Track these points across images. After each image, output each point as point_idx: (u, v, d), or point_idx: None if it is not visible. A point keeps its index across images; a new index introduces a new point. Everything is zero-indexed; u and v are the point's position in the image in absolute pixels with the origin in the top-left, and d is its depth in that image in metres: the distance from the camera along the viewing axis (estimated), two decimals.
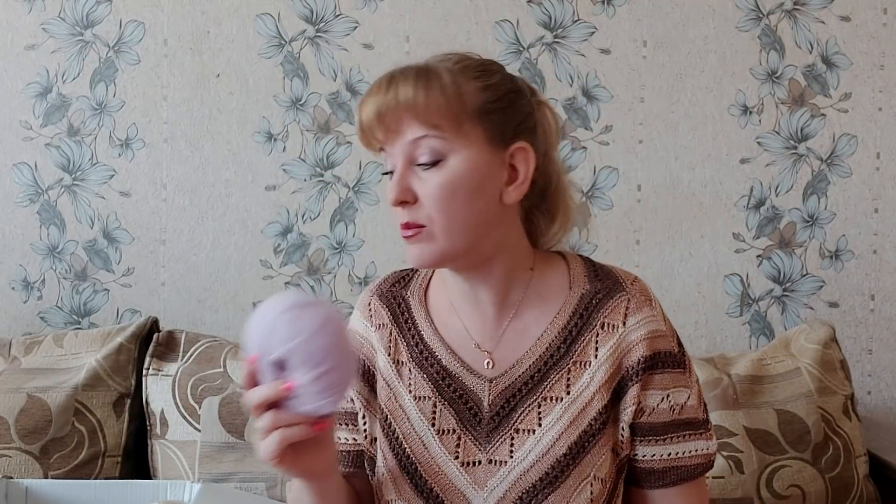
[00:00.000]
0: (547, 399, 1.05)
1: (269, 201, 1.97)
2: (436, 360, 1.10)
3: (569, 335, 1.07)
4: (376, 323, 1.15)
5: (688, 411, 1.08)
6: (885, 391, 1.99)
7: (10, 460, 1.61)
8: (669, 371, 1.07)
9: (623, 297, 1.08)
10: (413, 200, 1.02)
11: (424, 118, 1.01)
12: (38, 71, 1.96)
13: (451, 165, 1.01)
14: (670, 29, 1.96)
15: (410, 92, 1.01)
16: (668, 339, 1.08)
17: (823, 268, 1.98)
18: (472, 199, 1.02)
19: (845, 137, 1.97)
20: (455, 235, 1.02)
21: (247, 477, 1.62)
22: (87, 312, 1.98)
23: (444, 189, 1.01)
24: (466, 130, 1.02)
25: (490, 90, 1.05)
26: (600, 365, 1.06)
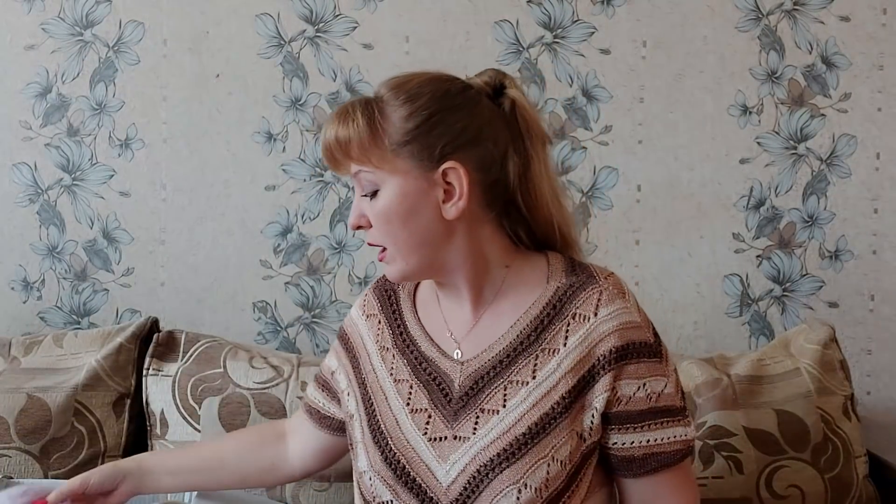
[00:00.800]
0: (514, 382, 1.11)
1: (268, 201, 1.97)
2: (415, 347, 1.19)
3: (540, 324, 1.13)
4: (367, 313, 1.28)
5: (665, 399, 1.12)
6: (885, 391, 1.99)
7: (10, 460, 1.61)
8: (645, 361, 1.11)
9: (596, 289, 1.13)
10: (368, 225, 1.14)
11: (355, 155, 1.11)
12: (37, 71, 1.96)
13: (384, 195, 1.11)
14: (670, 29, 1.96)
15: (333, 133, 1.12)
16: (642, 329, 1.12)
17: (823, 268, 1.98)
18: (407, 223, 1.11)
19: (845, 138, 1.97)
20: (408, 256, 1.13)
21: None
22: (86, 312, 1.98)
23: (379, 217, 1.12)
24: (390, 161, 1.10)
25: (413, 118, 1.11)
26: (569, 353, 1.11)
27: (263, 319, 1.98)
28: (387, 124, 1.10)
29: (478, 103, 1.13)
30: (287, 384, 1.67)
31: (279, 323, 1.98)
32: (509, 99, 1.15)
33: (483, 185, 1.12)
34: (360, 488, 1.17)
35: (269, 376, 1.68)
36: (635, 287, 1.96)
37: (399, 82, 1.13)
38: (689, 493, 1.16)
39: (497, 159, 1.12)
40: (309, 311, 1.98)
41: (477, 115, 1.12)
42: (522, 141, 1.14)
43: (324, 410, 1.32)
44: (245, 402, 1.65)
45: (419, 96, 1.11)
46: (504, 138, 1.13)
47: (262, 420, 1.63)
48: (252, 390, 1.66)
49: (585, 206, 1.97)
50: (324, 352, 1.96)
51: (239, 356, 1.71)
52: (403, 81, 1.13)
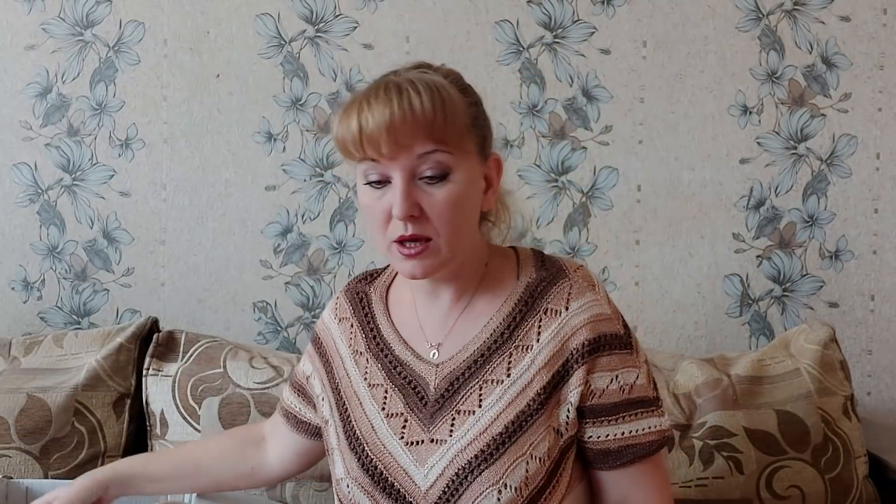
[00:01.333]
0: (488, 382, 1.11)
1: (268, 201, 1.97)
2: (389, 351, 1.17)
3: (513, 321, 1.12)
4: (340, 316, 1.25)
5: (638, 390, 1.12)
6: (885, 392, 1.99)
7: (10, 460, 1.61)
8: (617, 352, 1.11)
9: (566, 283, 1.13)
10: (419, 214, 1.05)
11: (437, 134, 1.03)
12: (37, 71, 1.96)
13: (456, 180, 1.06)
14: (670, 29, 1.96)
15: (428, 106, 1.02)
16: (612, 321, 1.12)
17: (823, 268, 1.98)
18: (470, 211, 1.09)
19: (845, 138, 1.97)
20: (456, 247, 1.08)
21: None
22: (86, 312, 1.98)
23: (451, 204, 1.05)
24: (467, 142, 1.07)
25: (473, 104, 1.10)
26: (542, 348, 1.10)
27: (264, 319, 1.98)
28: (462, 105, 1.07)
29: None
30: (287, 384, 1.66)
31: (279, 323, 1.98)
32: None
33: None
34: (339, 495, 1.16)
35: (269, 376, 1.68)
36: (635, 287, 1.96)
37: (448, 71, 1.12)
38: (663, 483, 1.15)
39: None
40: (309, 311, 1.98)
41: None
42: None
43: (300, 415, 1.31)
44: (245, 402, 1.65)
45: (466, 87, 1.11)
46: None
47: (262, 420, 1.63)
48: (252, 390, 1.66)
49: (585, 206, 1.97)
50: None
51: (239, 356, 1.71)
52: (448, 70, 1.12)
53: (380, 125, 1.02)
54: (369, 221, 1.11)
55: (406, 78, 1.06)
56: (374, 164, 1.06)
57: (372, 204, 1.08)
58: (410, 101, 1.02)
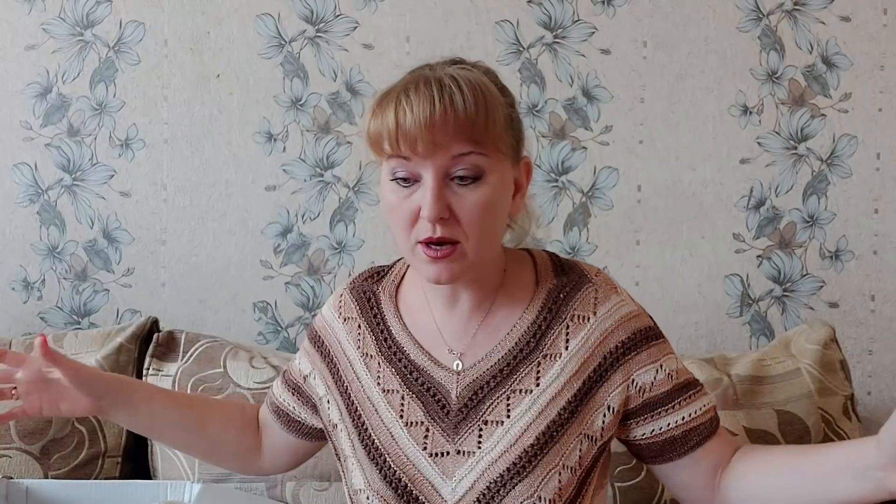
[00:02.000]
0: (516, 391, 1.07)
1: (269, 201, 1.97)
2: (403, 355, 1.12)
3: (538, 329, 1.09)
4: (344, 315, 1.19)
5: (683, 374, 1.12)
6: (886, 392, 1.99)
7: (10, 460, 1.61)
8: (654, 344, 1.11)
9: (590, 288, 1.11)
10: (448, 217, 1.00)
11: (476, 135, 0.99)
12: (38, 71, 1.96)
13: (490, 182, 1.01)
14: (670, 29, 1.96)
15: (471, 105, 0.98)
16: (642, 317, 1.12)
17: (823, 268, 1.98)
18: (500, 215, 1.05)
19: (845, 138, 1.97)
20: (483, 251, 1.04)
21: (247, 477, 1.61)
22: (87, 313, 1.98)
23: (484, 207, 1.01)
24: (501, 147, 1.03)
25: (509, 103, 1.07)
26: (571, 356, 1.08)
27: (264, 319, 1.98)
28: (500, 105, 1.03)
29: None
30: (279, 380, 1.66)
31: (279, 323, 1.98)
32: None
33: None
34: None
35: (269, 376, 1.68)
36: (636, 287, 1.96)
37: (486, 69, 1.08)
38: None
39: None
40: (309, 311, 1.98)
41: None
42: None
43: (293, 414, 1.25)
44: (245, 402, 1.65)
45: (501, 83, 1.08)
46: None
47: None
48: (252, 390, 1.66)
49: (586, 206, 1.97)
50: None
51: (239, 356, 1.71)
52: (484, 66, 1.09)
53: (419, 122, 0.97)
54: (393, 220, 1.04)
55: (447, 73, 1.01)
56: (405, 161, 1.01)
57: (398, 203, 1.02)
58: (452, 98, 0.98)
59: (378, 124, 1.01)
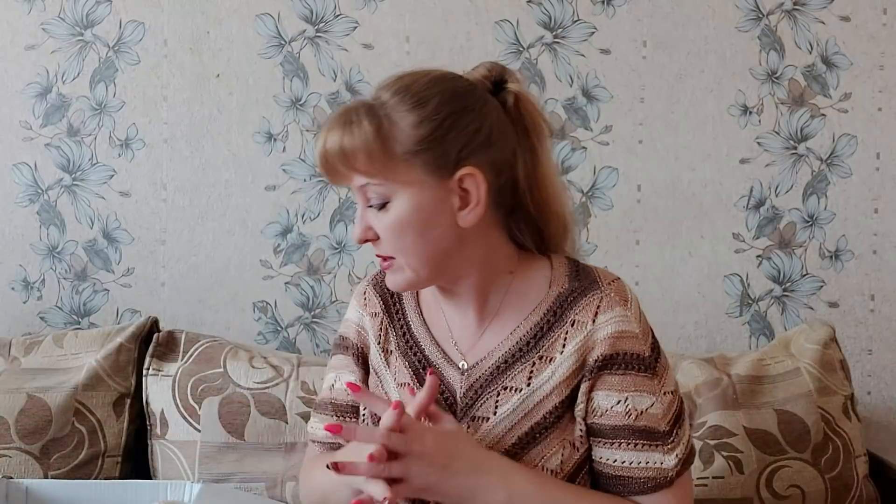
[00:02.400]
0: (507, 389, 1.08)
1: (268, 201, 1.97)
2: (419, 350, 1.13)
3: (539, 331, 1.08)
4: (370, 311, 1.20)
5: (647, 419, 1.05)
6: (885, 391, 1.99)
7: (10, 460, 1.61)
8: (632, 374, 1.05)
9: (596, 294, 1.08)
10: (375, 237, 1.06)
11: (358, 168, 1.03)
12: (38, 71, 1.96)
13: (396, 206, 1.04)
14: (670, 29, 1.96)
15: (336, 143, 1.04)
16: (637, 340, 1.06)
17: (823, 268, 1.98)
18: (422, 234, 1.04)
19: (845, 137, 1.97)
20: (419, 266, 1.06)
21: (247, 477, 1.62)
22: (87, 312, 1.98)
23: (392, 230, 1.04)
24: (402, 172, 1.03)
25: (424, 124, 1.03)
26: (564, 360, 1.06)
27: (264, 319, 1.98)
28: (396, 132, 1.02)
29: (486, 102, 1.07)
30: (287, 384, 1.67)
31: (279, 323, 1.98)
32: (512, 94, 1.09)
33: (494, 188, 1.06)
34: None
35: (270, 376, 1.68)
36: (636, 287, 1.96)
37: (403, 85, 1.05)
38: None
39: (508, 160, 1.07)
40: (309, 311, 1.98)
41: (486, 114, 1.06)
42: (528, 137, 1.09)
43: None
44: (245, 402, 1.65)
45: (427, 100, 1.04)
46: (511, 136, 1.08)
47: (262, 420, 1.63)
48: (252, 390, 1.66)
49: (585, 206, 1.97)
50: (324, 352, 1.96)
51: (239, 356, 1.71)
52: (408, 84, 1.05)
53: (325, 155, 1.05)
54: None
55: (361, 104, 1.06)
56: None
57: None
58: (342, 135, 1.03)
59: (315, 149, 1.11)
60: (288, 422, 1.63)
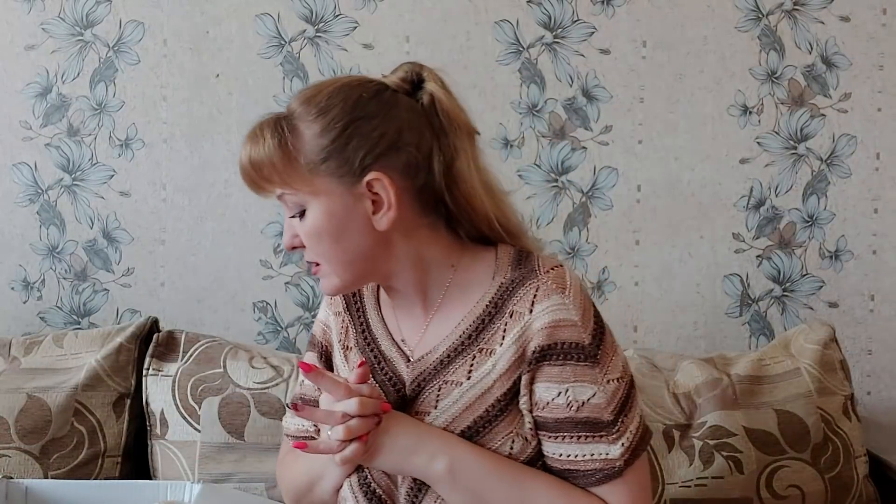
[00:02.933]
0: (448, 383, 1.08)
1: (268, 201, 1.96)
2: (376, 345, 1.16)
3: (481, 323, 1.08)
4: (334, 310, 1.23)
5: (589, 409, 1.03)
6: (885, 391, 1.99)
7: (9, 460, 1.61)
8: (572, 363, 1.03)
9: (534, 283, 1.06)
10: (301, 244, 1.09)
11: (270, 179, 1.06)
12: (37, 71, 1.96)
13: (311, 215, 1.06)
14: (670, 29, 1.96)
15: (246, 157, 1.07)
16: (577, 328, 1.04)
17: (823, 268, 1.98)
18: (338, 240, 1.06)
19: (845, 138, 1.97)
20: (342, 271, 1.08)
21: (246, 477, 1.62)
22: (86, 312, 1.98)
23: (309, 238, 1.07)
24: (309, 182, 1.05)
25: (326, 133, 1.05)
26: (504, 352, 1.06)
27: (263, 319, 1.98)
28: (300, 143, 1.05)
29: (394, 105, 1.06)
30: (287, 384, 1.67)
31: (279, 323, 1.98)
32: (427, 94, 1.08)
33: (412, 189, 1.06)
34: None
35: (269, 376, 1.68)
36: (635, 287, 1.96)
37: (308, 96, 1.07)
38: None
39: (422, 161, 1.06)
40: (309, 311, 1.98)
41: (394, 118, 1.05)
42: (446, 136, 1.07)
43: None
44: (245, 402, 1.65)
45: (330, 109, 1.05)
46: (427, 137, 1.07)
47: (262, 420, 1.63)
48: (252, 390, 1.66)
49: (585, 206, 1.97)
50: None
51: (239, 356, 1.71)
52: (313, 94, 1.07)
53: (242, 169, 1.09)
54: None
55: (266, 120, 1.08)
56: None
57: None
58: (251, 151, 1.07)
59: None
60: None
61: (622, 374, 1.07)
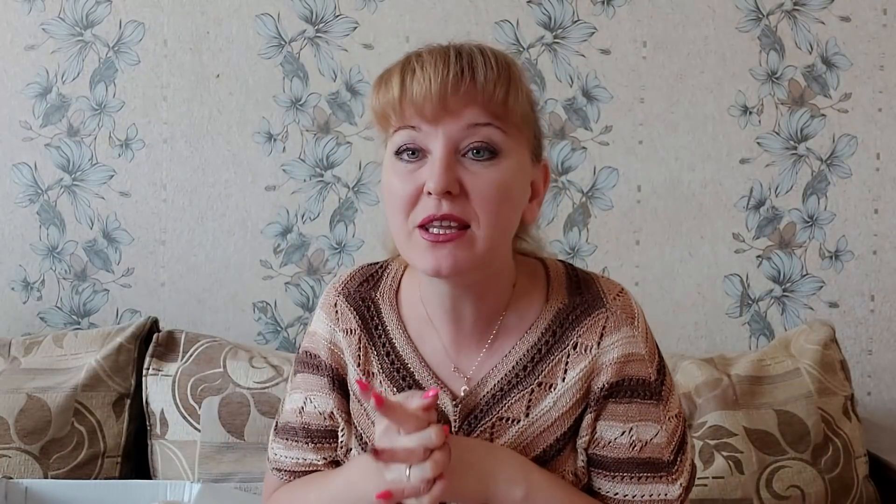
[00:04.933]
0: (503, 420, 0.97)
1: (268, 201, 1.97)
2: (408, 374, 1.01)
3: (537, 353, 0.98)
4: (343, 327, 1.04)
5: (651, 450, 0.97)
6: (885, 392, 1.99)
7: (9, 460, 1.61)
8: (638, 401, 0.97)
9: (602, 314, 0.97)
10: (457, 193, 0.88)
11: (495, 106, 0.88)
12: (37, 71, 1.96)
13: (507, 164, 0.90)
14: (670, 29, 1.96)
15: (492, 73, 0.88)
16: (644, 364, 0.97)
17: (823, 268, 1.98)
18: (516, 207, 0.93)
19: (845, 138, 1.97)
20: (494, 242, 0.91)
21: (246, 477, 1.62)
22: (86, 313, 1.98)
23: (499, 188, 0.89)
24: (521, 132, 0.92)
25: (535, 102, 0.96)
26: (567, 389, 0.97)
27: (263, 319, 1.98)
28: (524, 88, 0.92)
29: None
30: (287, 384, 1.66)
31: (279, 323, 1.98)
32: None
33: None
34: None
35: (269, 376, 1.68)
36: (635, 287, 1.96)
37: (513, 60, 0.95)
38: None
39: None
40: (309, 311, 1.98)
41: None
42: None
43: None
44: (245, 402, 1.65)
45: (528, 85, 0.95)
46: None
47: (262, 420, 1.63)
48: (252, 390, 1.66)
49: (585, 206, 1.97)
50: None
51: (239, 356, 1.71)
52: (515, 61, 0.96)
53: (428, 83, 0.86)
54: (391, 203, 0.91)
55: (472, 44, 0.91)
56: (412, 132, 0.89)
57: (399, 181, 0.90)
58: (472, 62, 0.88)
59: (384, 93, 0.90)
60: None
61: (679, 410, 1.01)
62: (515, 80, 0.90)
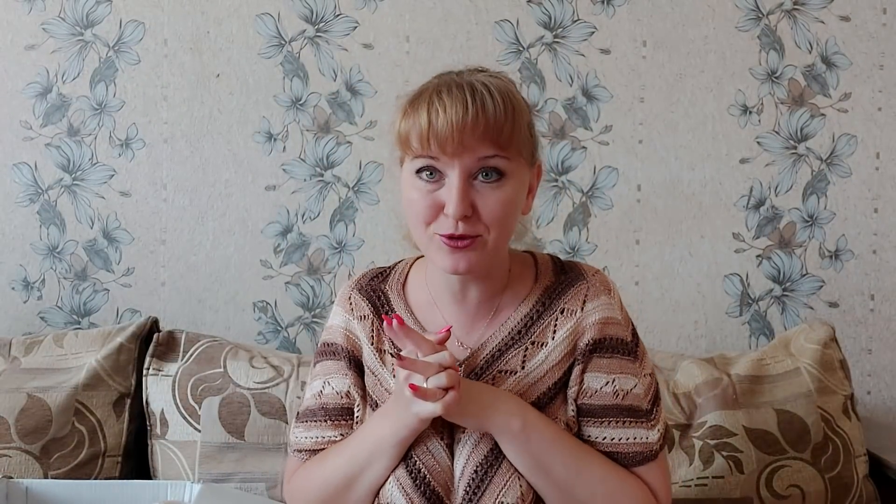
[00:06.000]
0: (502, 372, 1.14)
1: (269, 201, 1.97)
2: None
3: (530, 319, 1.16)
4: (358, 315, 1.22)
5: (632, 398, 1.15)
6: (885, 391, 1.99)
7: (10, 460, 1.61)
8: (618, 357, 1.15)
9: (584, 284, 1.17)
10: (471, 214, 1.07)
11: (502, 140, 1.05)
12: (38, 71, 1.96)
13: (511, 184, 1.08)
14: (670, 29, 1.96)
15: (500, 111, 1.05)
16: (621, 327, 1.16)
17: (823, 268, 1.98)
18: (518, 213, 1.12)
19: (845, 137, 1.97)
20: (500, 245, 1.11)
21: (247, 477, 1.62)
22: (87, 312, 1.98)
23: (505, 206, 1.07)
24: (521, 153, 1.09)
25: (528, 110, 1.13)
26: (556, 345, 1.14)
27: (264, 319, 1.98)
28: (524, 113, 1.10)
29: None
30: (287, 384, 1.67)
31: (279, 323, 1.98)
32: None
33: None
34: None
35: (270, 376, 1.68)
36: (635, 287, 1.96)
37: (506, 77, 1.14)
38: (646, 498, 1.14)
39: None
40: (309, 310, 1.98)
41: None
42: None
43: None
44: (245, 402, 1.65)
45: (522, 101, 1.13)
46: None
47: (262, 420, 1.63)
48: (252, 390, 1.66)
49: (585, 206, 1.97)
50: None
51: (239, 356, 1.71)
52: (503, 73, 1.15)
53: (451, 124, 1.03)
54: (412, 214, 1.09)
55: (477, 80, 1.07)
56: (432, 160, 1.07)
57: (420, 198, 1.08)
58: (484, 103, 1.04)
59: (409, 124, 1.06)
60: (288, 422, 1.63)
61: (652, 371, 1.19)
62: (518, 113, 1.07)
